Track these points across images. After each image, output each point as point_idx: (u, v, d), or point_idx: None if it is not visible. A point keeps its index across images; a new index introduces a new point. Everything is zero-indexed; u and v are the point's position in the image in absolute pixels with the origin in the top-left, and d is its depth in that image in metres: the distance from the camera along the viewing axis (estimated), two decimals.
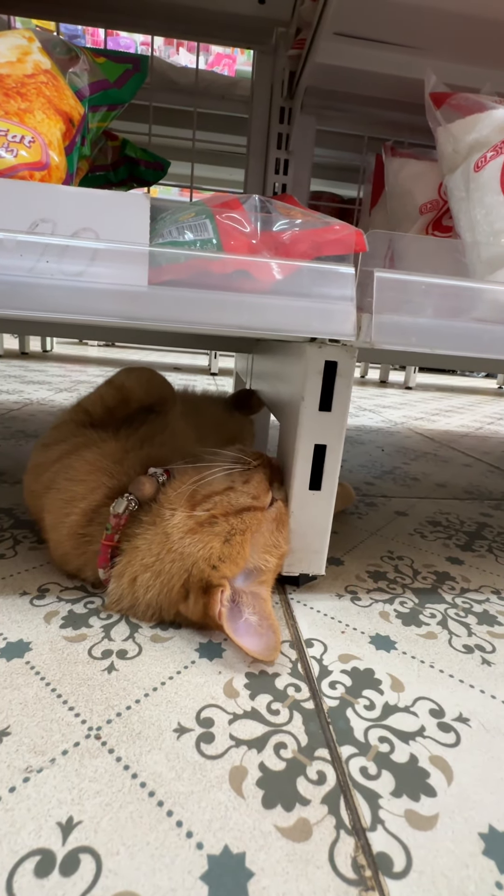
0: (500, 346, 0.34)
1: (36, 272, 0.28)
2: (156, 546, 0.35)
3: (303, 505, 0.41)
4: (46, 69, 0.35)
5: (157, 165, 0.61)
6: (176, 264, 0.30)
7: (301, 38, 0.63)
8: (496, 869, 0.22)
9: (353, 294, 0.32)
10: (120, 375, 0.47)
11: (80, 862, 0.21)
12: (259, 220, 0.34)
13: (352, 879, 0.21)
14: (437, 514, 0.68)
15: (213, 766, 0.26)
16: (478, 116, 0.42)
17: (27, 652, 0.33)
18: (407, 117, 0.70)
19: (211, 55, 1.92)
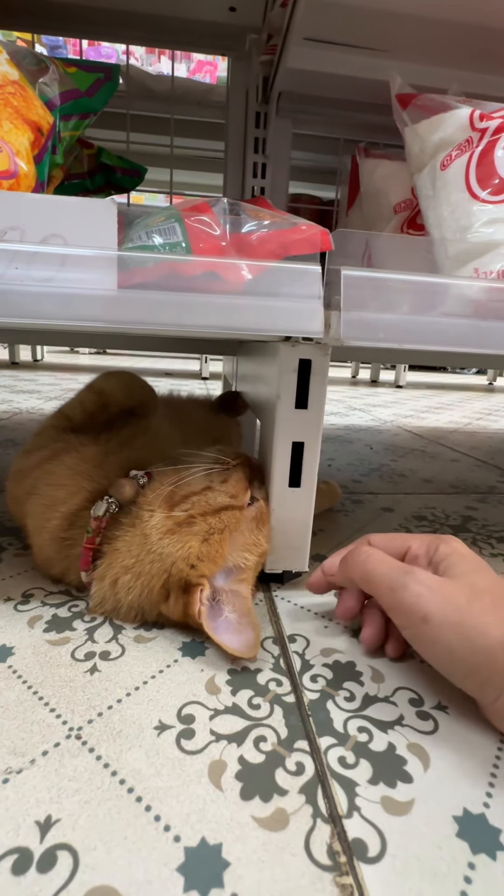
0: (468, 339, 0.34)
1: (6, 279, 0.29)
2: (135, 547, 0.35)
3: (283, 502, 0.41)
4: (14, 80, 0.36)
5: (134, 172, 0.61)
6: (145, 268, 0.31)
7: (273, 43, 0.64)
8: (468, 850, 0.22)
9: (321, 292, 0.33)
10: (99, 380, 0.47)
11: (57, 858, 0.21)
12: (228, 222, 0.35)
13: (326, 865, 0.21)
14: (422, 508, 0.69)
15: (193, 761, 0.26)
16: (442, 116, 0.43)
17: (9, 656, 0.33)
18: (380, 119, 0.71)
19: (193, 62, 1.93)
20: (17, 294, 0.29)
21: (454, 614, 0.28)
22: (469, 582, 0.30)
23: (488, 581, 0.30)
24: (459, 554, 0.32)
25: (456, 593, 0.29)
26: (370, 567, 0.33)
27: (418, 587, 0.30)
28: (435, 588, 0.29)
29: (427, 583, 0.30)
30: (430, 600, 0.29)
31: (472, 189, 0.39)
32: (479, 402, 2.18)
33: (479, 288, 0.35)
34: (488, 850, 0.22)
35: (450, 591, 0.29)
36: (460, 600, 0.29)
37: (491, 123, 0.40)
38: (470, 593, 0.29)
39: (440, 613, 0.28)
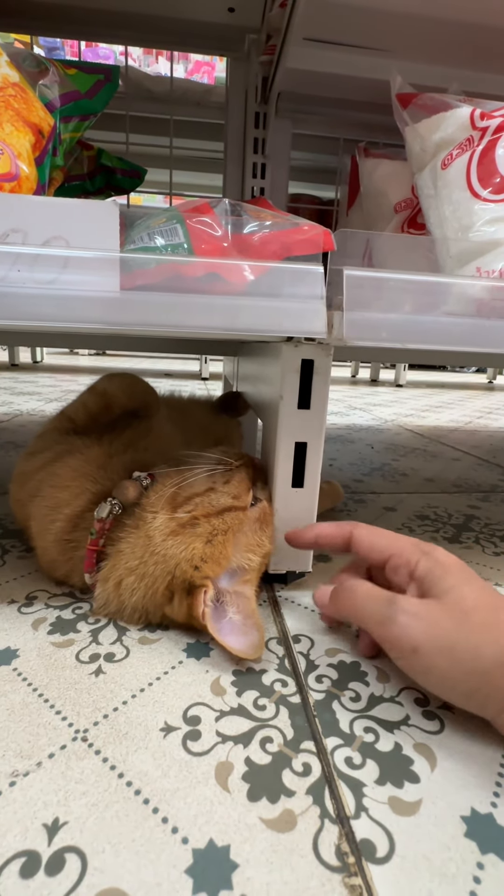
0: (470, 338, 0.34)
1: (8, 281, 0.29)
2: (139, 549, 0.35)
3: (286, 503, 0.41)
4: (14, 82, 0.36)
5: (134, 173, 0.61)
6: (147, 269, 0.31)
7: (272, 44, 0.64)
8: (477, 850, 0.22)
9: (323, 292, 0.33)
10: (102, 382, 0.47)
11: (65, 861, 0.21)
12: (230, 223, 0.35)
13: (335, 866, 0.21)
14: (425, 508, 0.69)
15: (200, 762, 0.26)
16: (443, 115, 0.43)
17: (14, 659, 0.33)
18: (380, 118, 0.71)
19: (191, 63, 1.93)
20: (20, 296, 0.29)
21: (444, 639, 0.28)
22: (455, 599, 0.29)
23: (475, 593, 0.29)
24: (443, 567, 0.31)
25: (443, 616, 0.28)
26: (357, 603, 0.32)
27: (404, 618, 0.29)
28: (421, 615, 0.29)
29: (412, 610, 0.29)
30: (418, 629, 0.28)
31: (474, 188, 0.39)
32: (479, 400, 2.18)
33: (481, 287, 0.35)
34: (497, 849, 0.22)
35: (436, 616, 0.28)
36: (448, 623, 0.28)
37: (492, 122, 0.40)
38: (458, 613, 0.28)
39: (429, 641, 0.28)
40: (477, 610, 0.28)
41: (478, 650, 0.27)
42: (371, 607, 0.31)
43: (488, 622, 0.27)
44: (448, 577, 0.30)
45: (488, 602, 0.29)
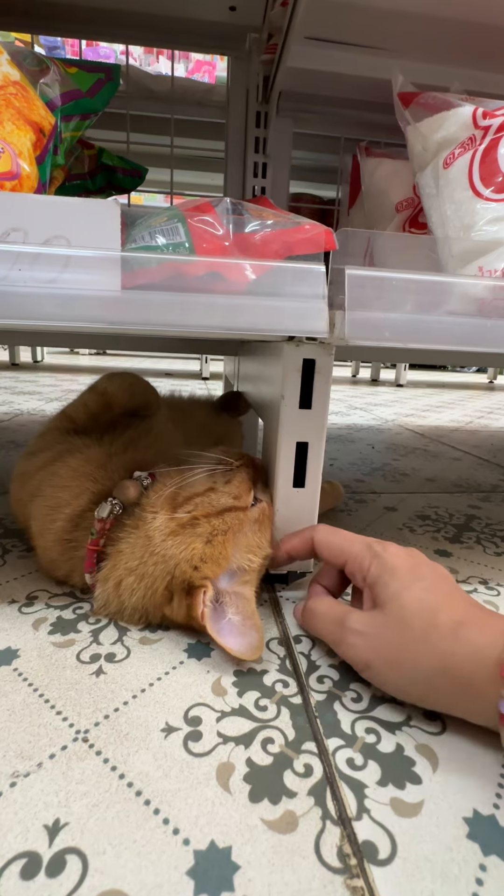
0: (472, 337, 0.34)
1: (9, 280, 0.29)
2: (139, 549, 0.35)
3: (287, 503, 0.41)
4: (15, 80, 0.36)
5: (135, 172, 0.61)
6: (148, 268, 0.31)
7: (273, 43, 0.64)
8: (480, 851, 0.22)
9: (325, 292, 0.33)
10: (102, 381, 0.47)
11: (66, 863, 0.21)
12: (231, 222, 0.35)
13: (337, 868, 0.21)
14: (426, 507, 0.69)
15: (201, 763, 0.26)
16: (444, 114, 0.43)
17: (15, 659, 0.33)
18: (381, 117, 0.71)
19: (191, 62, 1.93)
20: (21, 295, 0.29)
21: (389, 654, 0.29)
22: (397, 608, 0.29)
23: (415, 598, 0.29)
24: (390, 570, 0.31)
25: (386, 631, 0.29)
26: (317, 625, 0.34)
27: (352, 637, 0.31)
28: (367, 632, 0.30)
29: (359, 629, 0.30)
30: (365, 648, 0.30)
31: (476, 187, 0.39)
32: (479, 400, 2.17)
33: (483, 286, 0.35)
34: (499, 851, 0.22)
35: (380, 631, 0.29)
36: (391, 637, 0.29)
37: (494, 121, 0.40)
38: (399, 624, 0.29)
39: (377, 658, 0.29)
40: (416, 617, 0.28)
41: (418, 661, 0.28)
42: (327, 629, 0.33)
43: (427, 628, 0.28)
44: (393, 581, 0.30)
45: (428, 604, 0.29)
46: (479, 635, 0.27)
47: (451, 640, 0.27)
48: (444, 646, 0.27)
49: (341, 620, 0.32)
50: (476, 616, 0.28)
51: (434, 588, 0.30)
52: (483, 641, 0.26)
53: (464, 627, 0.27)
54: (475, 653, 0.26)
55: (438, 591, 0.30)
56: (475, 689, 0.26)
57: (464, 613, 0.28)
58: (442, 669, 0.27)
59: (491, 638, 0.26)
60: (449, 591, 0.30)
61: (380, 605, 0.30)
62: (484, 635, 0.27)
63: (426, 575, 0.31)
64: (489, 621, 0.28)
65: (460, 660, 0.26)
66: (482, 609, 0.29)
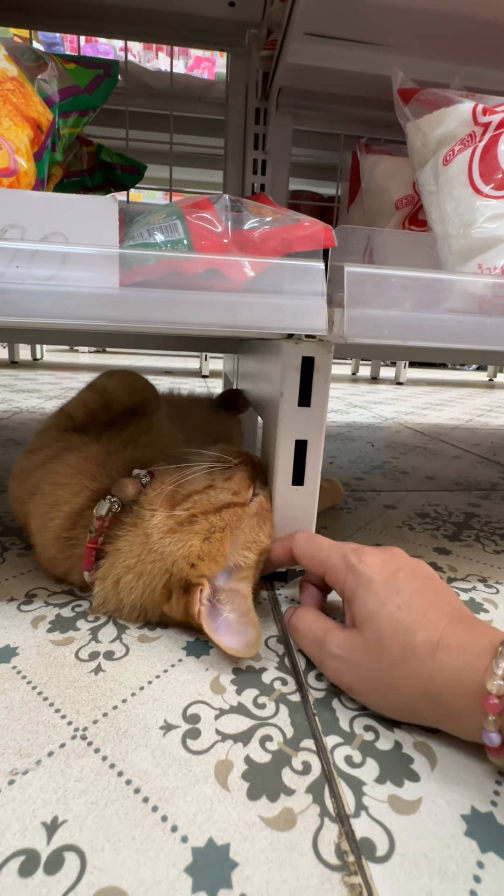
0: (472, 335, 0.34)
1: (7, 278, 0.28)
2: (137, 547, 0.35)
3: (286, 501, 0.41)
4: (13, 76, 0.36)
5: (134, 169, 0.61)
6: (147, 265, 0.30)
7: (272, 39, 0.63)
8: (477, 848, 0.22)
9: (324, 289, 0.32)
10: (101, 379, 0.47)
11: (64, 860, 0.21)
12: (230, 219, 0.34)
13: (335, 865, 0.21)
14: (425, 506, 0.69)
15: (199, 760, 0.26)
16: (444, 111, 0.42)
17: (14, 657, 0.33)
18: (381, 114, 0.70)
19: (191, 59, 1.92)
20: (18, 293, 0.29)
21: (369, 680, 0.29)
22: (375, 630, 0.28)
23: (393, 618, 0.28)
24: (366, 585, 0.30)
25: (365, 655, 0.28)
26: (301, 643, 0.34)
27: (332, 662, 0.30)
28: (346, 657, 0.29)
29: (337, 653, 0.30)
30: (345, 673, 0.30)
31: (476, 184, 0.39)
32: (479, 398, 2.17)
33: (483, 284, 0.35)
34: (497, 848, 0.22)
35: (359, 655, 0.29)
36: (370, 661, 0.28)
37: (494, 118, 0.40)
38: (377, 648, 0.28)
39: (357, 682, 0.29)
40: (393, 639, 0.27)
41: (400, 687, 0.27)
42: (309, 649, 0.33)
43: (404, 651, 0.27)
44: (369, 598, 0.29)
45: (405, 625, 0.28)
46: (457, 659, 0.26)
47: (430, 664, 0.26)
48: (423, 671, 0.26)
49: (321, 642, 0.31)
50: (455, 634, 0.27)
51: (412, 602, 0.28)
52: (461, 665, 0.25)
53: (442, 650, 0.26)
54: (454, 678, 0.25)
55: (417, 605, 0.28)
56: (458, 714, 0.25)
57: (442, 631, 0.27)
58: (423, 694, 0.26)
59: (470, 660, 0.25)
60: (428, 602, 0.29)
61: (357, 625, 0.29)
62: (462, 658, 0.25)
63: (404, 585, 0.29)
64: (468, 639, 0.26)
65: (440, 686, 0.26)
66: (462, 621, 0.28)
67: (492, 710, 0.23)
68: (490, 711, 0.23)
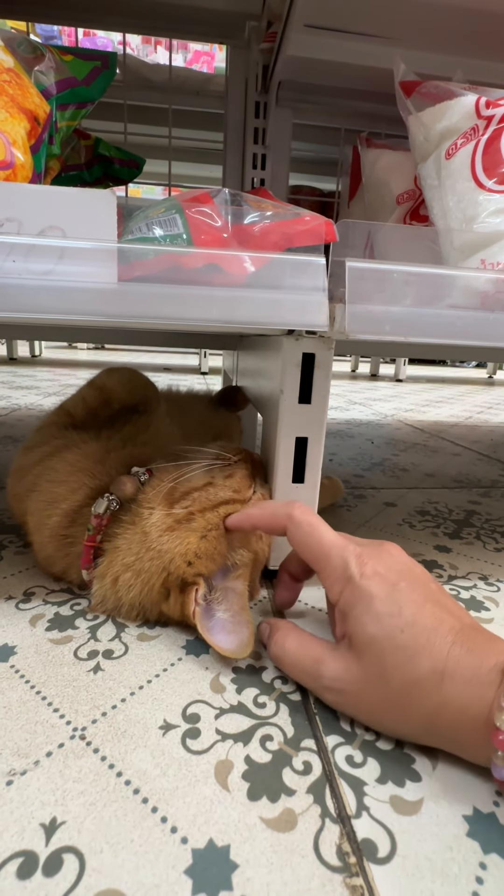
0: (474, 331, 0.34)
1: (3, 272, 0.28)
2: (135, 545, 0.35)
3: (287, 498, 0.41)
4: (9, 67, 0.35)
5: (132, 163, 0.60)
6: (145, 260, 0.30)
7: (272, 31, 0.63)
8: (480, 850, 0.22)
9: (325, 284, 0.32)
10: (101, 376, 0.47)
11: (63, 862, 0.21)
12: (230, 213, 0.34)
13: (336, 867, 0.21)
14: (425, 503, 0.68)
15: (199, 760, 0.26)
16: (447, 104, 0.42)
17: (12, 656, 0.33)
18: (382, 108, 0.70)
19: (189, 53, 1.91)
20: (15, 288, 0.28)
21: (372, 713, 0.27)
22: (376, 660, 0.26)
23: (395, 646, 0.26)
24: (366, 602, 0.27)
25: (367, 688, 0.27)
26: (286, 670, 0.32)
27: (330, 696, 0.29)
28: (347, 690, 0.28)
29: (337, 686, 0.28)
30: (348, 706, 0.28)
31: (479, 178, 0.38)
32: (479, 395, 2.17)
33: (486, 279, 0.34)
34: (500, 849, 0.22)
35: (359, 688, 0.27)
36: (372, 696, 0.27)
37: (497, 111, 0.39)
38: (379, 681, 0.26)
39: (362, 714, 0.28)
40: (398, 669, 0.26)
41: (405, 721, 0.26)
42: (301, 678, 0.31)
43: (407, 684, 0.25)
44: (369, 620, 0.27)
45: (408, 654, 0.26)
46: (463, 690, 0.24)
47: (436, 696, 0.25)
48: (429, 704, 0.25)
49: (315, 675, 0.29)
50: (460, 659, 0.25)
51: (416, 621, 0.26)
52: (468, 698, 0.24)
53: (447, 681, 0.25)
54: (461, 712, 0.24)
55: (420, 624, 0.26)
56: (467, 745, 0.25)
57: (447, 656, 0.25)
58: (430, 726, 0.26)
59: (477, 692, 0.24)
60: (432, 618, 0.27)
61: (354, 647, 0.27)
62: (468, 690, 0.24)
63: (406, 600, 0.27)
64: (473, 663, 0.25)
65: (447, 721, 0.25)
66: (466, 637, 0.26)
67: (501, 747, 0.22)
68: (500, 748, 0.22)
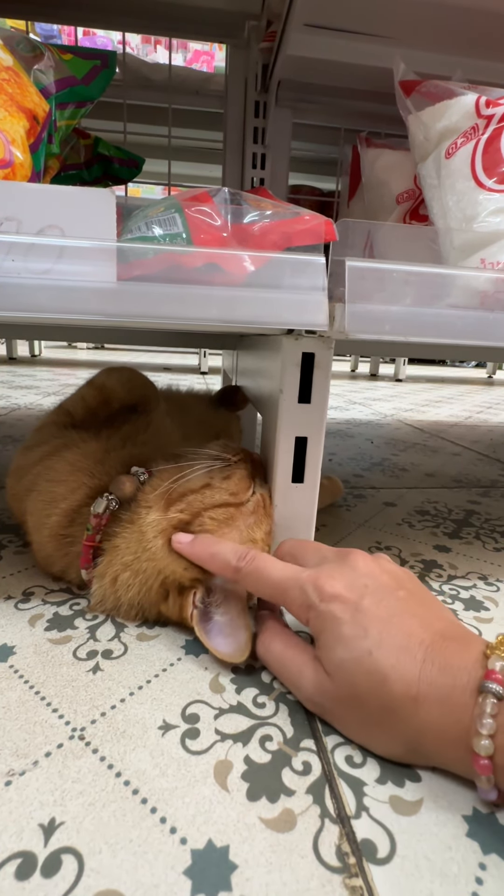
0: (474, 331, 0.34)
1: (2, 271, 0.28)
2: (134, 544, 0.35)
3: (286, 498, 0.41)
4: (8, 66, 0.35)
5: (132, 163, 0.60)
6: (145, 259, 0.30)
7: (272, 30, 0.62)
8: (479, 850, 0.22)
9: (325, 284, 0.32)
10: (100, 376, 0.46)
11: (61, 862, 0.21)
12: (229, 212, 0.34)
13: (336, 867, 0.21)
14: (425, 503, 0.68)
15: (198, 761, 0.26)
16: (447, 103, 0.42)
17: (11, 656, 0.33)
18: (382, 107, 0.70)
19: (189, 52, 1.90)
20: (14, 287, 0.28)
21: (355, 731, 0.27)
22: (348, 684, 0.26)
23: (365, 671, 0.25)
24: (331, 628, 0.27)
25: (345, 709, 0.27)
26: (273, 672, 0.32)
27: (313, 707, 0.29)
28: (326, 707, 0.28)
29: (317, 700, 0.28)
30: (330, 719, 0.28)
31: (478, 177, 0.38)
32: (479, 395, 2.17)
33: (485, 279, 0.34)
34: (499, 849, 0.22)
35: (337, 706, 0.27)
36: (351, 717, 0.27)
37: (497, 110, 0.39)
38: (355, 704, 0.26)
39: (344, 730, 0.28)
40: (371, 693, 0.25)
41: (388, 743, 0.26)
42: (286, 684, 0.31)
43: (383, 710, 0.25)
44: (337, 645, 0.27)
45: (379, 676, 0.25)
46: (439, 714, 0.24)
47: (414, 721, 0.24)
48: (408, 730, 0.25)
49: (296, 685, 0.29)
50: (433, 680, 0.24)
51: (383, 640, 0.26)
52: (445, 723, 0.23)
53: (422, 706, 0.24)
54: (441, 735, 0.24)
55: (388, 642, 0.26)
56: (455, 765, 0.25)
57: (419, 678, 0.24)
58: (412, 751, 0.25)
59: (453, 717, 0.23)
60: (401, 633, 0.26)
61: (328, 671, 0.27)
62: (445, 714, 0.23)
63: (372, 617, 0.27)
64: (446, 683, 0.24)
65: (429, 745, 0.25)
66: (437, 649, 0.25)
67: (483, 772, 0.22)
68: (482, 773, 0.22)
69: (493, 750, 0.22)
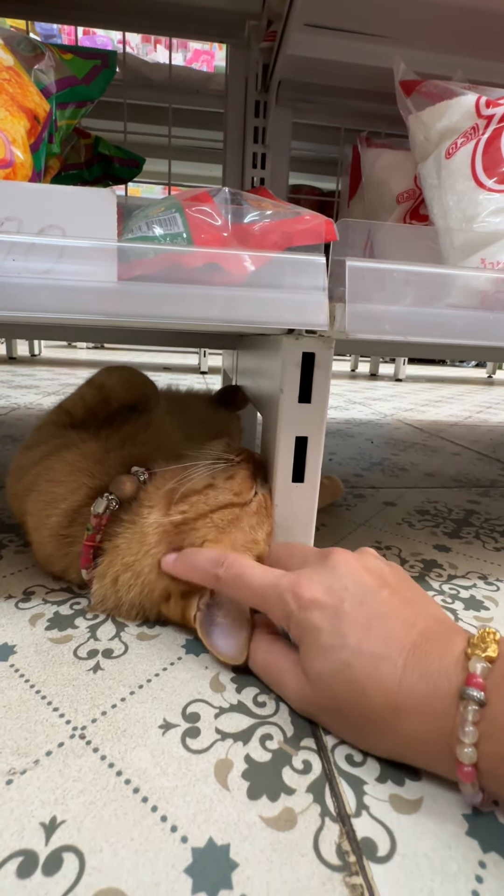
0: (474, 331, 0.34)
1: (2, 271, 0.28)
2: (135, 545, 0.35)
3: (287, 498, 0.41)
4: (9, 66, 0.35)
5: (132, 162, 0.60)
6: (145, 259, 0.30)
7: (272, 30, 0.62)
8: (479, 848, 0.22)
9: (326, 283, 0.32)
10: (100, 375, 0.46)
11: (62, 861, 0.21)
12: (230, 212, 0.34)
13: (336, 865, 0.21)
14: (425, 503, 0.69)
15: (199, 760, 0.26)
16: (447, 103, 0.42)
17: (11, 655, 0.33)
18: (382, 107, 0.70)
19: (189, 52, 1.90)
20: (15, 286, 0.28)
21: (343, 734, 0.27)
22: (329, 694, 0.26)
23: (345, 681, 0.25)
24: (310, 637, 0.27)
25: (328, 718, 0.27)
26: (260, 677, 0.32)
27: (298, 711, 0.29)
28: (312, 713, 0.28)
29: (301, 706, 0.28)
30: (318, 721, 0.28)
31: (479, 177, 0.38)
32: (478, 395, 2.17)
33: (485, 279, 0.34)
34: (499, 848, 0.22)
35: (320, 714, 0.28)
36: (335, 723, 0.27)
37: (497, 110, 0.39)
38: (336, 713, 0.27)
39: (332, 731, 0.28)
40: (353, 705, 0.25)
41: (374, 745, 0.26)
42: (272, 686, 0.31)
43: (367, 720, 0.25)
44: (315, 655, 0.27)
45: (358, 686, 0.25)
46: (420, 725, 0.23)
47: (398, 731, 0.24)
48: (391, 741, 0.25)
49: (280, 688, 0.30)
50: (411, 687, 0.24)
51: (361, 647, 0.25)
52: (427, 732, 0.23)
53: (403, 716, 0.24)
54: (423, 744, 0.24)
55: (367, 649, 0.25)
56: (443, 770, 0.24)
57: (398, 687, 0.24)
58: (400, 754, 0.25)
59: (435, 726, 0.23)
60: (379, 638, 0.25)
61: (309, 680, 0.27)
62: (426, 724, 0.23)
63: (351, 623, 0.26)
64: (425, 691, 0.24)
65: (414, 751, 0.25)
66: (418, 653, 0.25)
67: (467, 779, 0.22)
68: (465, 780, 0.22)
69: (477, 757, 0.22)
